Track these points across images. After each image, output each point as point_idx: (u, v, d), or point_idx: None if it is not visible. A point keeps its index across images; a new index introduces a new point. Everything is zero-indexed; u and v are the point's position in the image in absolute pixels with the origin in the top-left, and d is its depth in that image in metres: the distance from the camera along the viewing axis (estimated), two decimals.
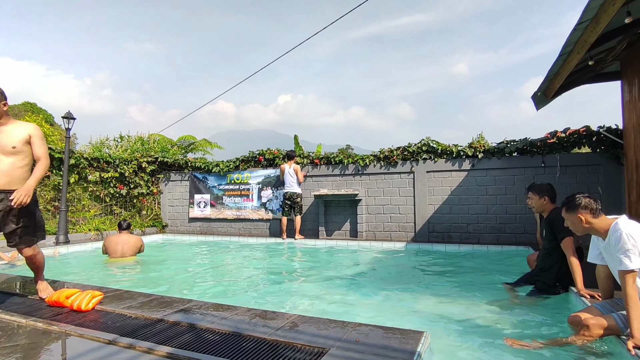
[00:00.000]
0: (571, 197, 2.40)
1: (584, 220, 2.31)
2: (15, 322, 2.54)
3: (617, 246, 2.09)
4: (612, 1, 2.99)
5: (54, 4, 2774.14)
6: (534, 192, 3.55)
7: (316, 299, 3.61)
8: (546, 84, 5.07)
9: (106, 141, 13.58)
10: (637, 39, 4.53)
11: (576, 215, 2.33)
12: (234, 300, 3.61)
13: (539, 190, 3.52)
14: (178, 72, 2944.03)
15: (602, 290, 2.55)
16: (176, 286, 4.28)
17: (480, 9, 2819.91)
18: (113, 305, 2.80)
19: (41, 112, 28.27)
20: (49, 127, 15.12)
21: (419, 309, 3.22)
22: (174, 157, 10.20)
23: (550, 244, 3.38)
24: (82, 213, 8.73)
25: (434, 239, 7.13)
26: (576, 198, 2.35)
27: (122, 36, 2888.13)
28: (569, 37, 3.62)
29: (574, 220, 2.36)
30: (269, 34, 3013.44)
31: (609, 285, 2.49)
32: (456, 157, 7.07)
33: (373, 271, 5.00)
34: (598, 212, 2.29)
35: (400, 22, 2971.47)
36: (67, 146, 7.65)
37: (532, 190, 3.57)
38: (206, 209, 9.38)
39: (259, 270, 5.18)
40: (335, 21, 7.72)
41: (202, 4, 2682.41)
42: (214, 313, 2.59)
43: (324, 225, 8.01)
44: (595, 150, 6.18)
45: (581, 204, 2.31)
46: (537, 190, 3.54)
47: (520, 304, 3.31)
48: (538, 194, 3.51)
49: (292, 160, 7.97)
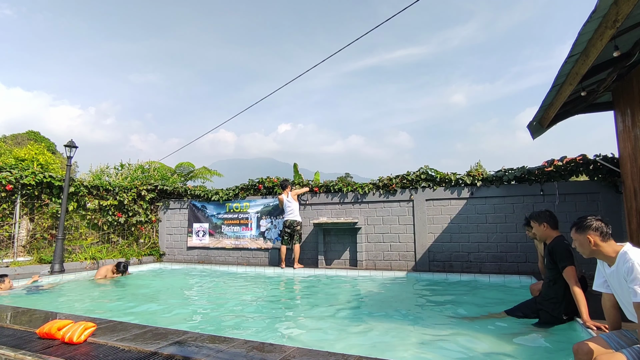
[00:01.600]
0: (583, 218, 2.37)
1: (592, 242, 2.27)
2: (4, 355, 2.46)
3: (631, 276, 2.06)
4: (599, 36, 3.12)
5: (60, 37, 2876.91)
6: (533, 220, 3.51)
7: (315, 331, 3.50)
8: (541, 114, 5.18)
9: (106, 169, 13.66)
10: (626, 72, 4.68)
11: (585, 236, 2.29)
12: (231, 331, 3.50)
13: (538, 217, 3.47)
14: (179, 102, 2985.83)
15: (609, 321, 2.48)
16: (171, 316, 4.16)
17: (474, 43, 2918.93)
18: (106, 338, 2.71)
19: (44, 140, 28.58)
20: (50, 155, 15.23)
21: (420, 341, 3.12)
22: (173, 185, 10.22)
23: (552, 273, 3.31)
24: (79, 241, 8.63)
25: (435, 268, 7.02)
26: (587, 219, 2.33)
27: (126, 68, 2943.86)
28: (561, 69, 3.74)
29: (582, 241, 2.32)
30: (269, 67, 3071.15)
31: (616, 315, 2.43)
32: (455, 185, 7.10)
33: (373, 302, 4.88)
34: (608, 236, 2.26)
35: (396, 54, 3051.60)
36: (68, 174, 7.69)
37: (532, 219, 3.54)
38: (205, 237, 9.29)
39: (256, 300, 5.06)
40: (334, 54, 8.00)
41: (203, 37, 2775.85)
42: (210, 345, 2.50)
43: (324, 254, 7.90)
44: (593, 179, 6.21)
45: (592, 226, 2.28)
46: (536, 217, 3.49)
47: (524, 334, 3.21)
48: (537, 221, 3.46)
49: (287, 189, 7.99)
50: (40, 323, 2.97)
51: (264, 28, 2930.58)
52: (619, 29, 2.98)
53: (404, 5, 6.27)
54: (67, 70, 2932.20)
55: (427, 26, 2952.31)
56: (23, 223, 7.94)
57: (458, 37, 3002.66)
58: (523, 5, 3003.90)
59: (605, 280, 2.38)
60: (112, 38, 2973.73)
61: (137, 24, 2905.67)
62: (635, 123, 4.65)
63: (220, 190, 9.40)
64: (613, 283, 2.29)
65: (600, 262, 2.41)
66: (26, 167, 8.52)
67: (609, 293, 2.38)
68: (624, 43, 3.79)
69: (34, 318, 3.41)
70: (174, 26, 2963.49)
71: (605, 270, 2.34)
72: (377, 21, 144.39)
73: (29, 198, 7.98)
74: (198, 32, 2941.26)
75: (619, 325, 2.44)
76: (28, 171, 8.02)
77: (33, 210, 8.06)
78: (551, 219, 3.43)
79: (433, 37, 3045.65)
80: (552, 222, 3.42)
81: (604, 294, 2.44)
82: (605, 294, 2.42)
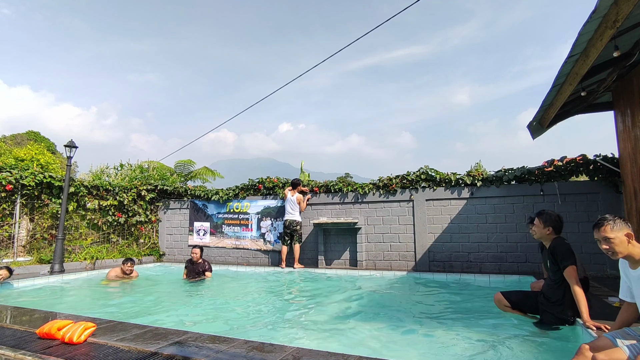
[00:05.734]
0: (606, 217, 2.34)
1: (628, 240, 2.24)
2: (4, 355, 2.45)
3: None
4: (599, 36, 3.12)
5: (58, 38, 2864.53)
6: (540, 219, 3.37)
7: (315, 331, 3.50)
8: (541, 114, 5.18)
9: (106, 169, 13.64)
10: (626, 72, 4.68)
11: (623, 234, 2.25)
12: (231, 331, 3.50)
13: (547, 219, 3.33)
14: (179, 102, 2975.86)
15: (620, 322, 2.45)
16: (171, 316, 4.16)
17: (474, 42, 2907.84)
18: (106, 338, 2.71)
19: (44, 140, 28.56)
20: (50, 155, 15.22)
21: (420, 341, 3.12)
22: (173, 185, 10.21)
23: (556, 275, 3.26)
24: (79, 241, 8.62)
25: (435, 268, 7.02)
26: (616, 218, 2.30)
27: (125, 68, 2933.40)
28: (561, 69, 3.74)
29: (621, 239, 2.25)
30: (269, 67, 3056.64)
31: (627, 320, 2.39)
32: (455, 185, 7.10)
33: (373, 302, 4.88)
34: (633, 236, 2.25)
35: (396, 54, 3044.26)
36: (68, 175, 7.68)
37: (540, 217, 3.38)
38: (205, 236, 9.29)
39: (256, 301, 5.06)
40: (334, 54, 8.00)
41: (203, 37, 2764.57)
42: (210, 346, 2.50)
43: (324, 254, 7.90)
44: (593, 179, 6.21)
45: (626, 223, 2.27)
46: (544, 218, 3.35)
47: (525, 335, 3.21)
48: (544, 222, 3.33)
49: (295, 189, 7.98)
50: (40, 323, 2.97)
51: (264, 28, 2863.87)
52: (619, 29, 2.98)
53: (404, 4, 6.28)
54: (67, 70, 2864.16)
55: (428, 25, 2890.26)
56: (23, 223, 7.93)
57: (458, 36, 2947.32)
58: (523, 4, 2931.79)
59: (630, 287, 2.32)
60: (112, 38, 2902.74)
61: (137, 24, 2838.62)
62: (635, 123, 4.65)
63: (220, 190, 9.40)
64: (636, 286, 2.24)
65: (623, 267, 2.37)
66: (26, 167, 8.52)
67: (633, 303, 2.33)
68: (624, 43, 3.79)
69: (34, 318, 3.41)
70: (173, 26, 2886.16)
71: (630, 273, 2.30)
72: (377, 20, 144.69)
73: (29, 198, 7.98)
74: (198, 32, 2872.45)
75: (625, 326, 2.42)
76: (28, 171, 8.02)
77: (33, 210, 8.06)
78: (557, 224, 3.32)
79: (433, 36, 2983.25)
80: (558, 228, 3.33)
81: (625, 303, 2.41)
82: (628, 303, 2.39)
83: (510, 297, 3.70)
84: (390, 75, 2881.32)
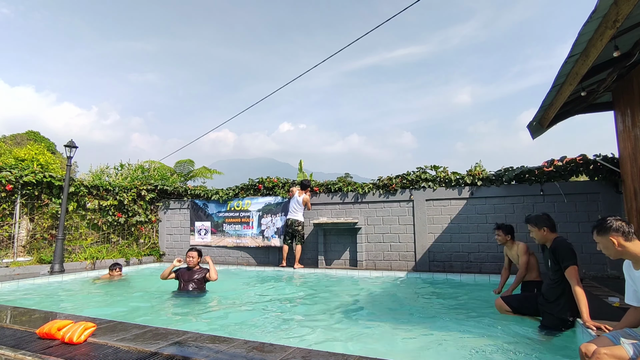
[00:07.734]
0: (602, 220, 2.35)
1: (616, 244, 2.25)
2: (4, 355, 2.45)
3: None
4: (599, 36, 3.12)
5: (58, 37, 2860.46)
6: (532, 224, 3.45)
7: (315, 331, 3.50)
8: (541, 114, 5.18)
9: (106, 169, 13.65)
10: (626, 72, 4.68)
11: (608, 239, 2.27)
12: (231, 331, 3.50)
13: (537, 221, 3.41)
14: (179, 102, 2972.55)
15: (624, 325, 2.42)
16: (171, 316, 4.16)
17: (474, 42, 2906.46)
18: (106, 338, 2.71)
19: (44, 140, 28.56)
20: (50, 155, 15.23)
21: (420, 341, 3.12)
22: (173, 185, 10.21)
23: (556, 275, 3.27)
24: (79, 241, 8.63)
25: (435, 268, 7.02)
26: (607, 221, 2.31)
27: (126, 67, 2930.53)
28: (561, 69, 3.74)
29: (607, 244, 2.29)
30: (269, 67, 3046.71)
31: (631, 322, 2.37)
32: (455, 185, 7.09)
33: (373, 302, 4.88)
34: (631, 235, 2.23)
35: (396, 53, 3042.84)
36: (68, 175, 7.68)
37: (530, 223, 3.47)
38: (207, 236, 9.29)
39: (256, 300, 5.06)
40: (335, 54, 7.99)
41: (204, 37, 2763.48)
42: (210, 346, 2.50)
43: (324, 254, 7.90)
44: (593, 179, 6.21)
45: (612, 227, 2.27)
46: (534, 221, 3.42)
47: (526, 336, 3.21)
48: (536, 225, 3.40)
49: (303, 191, 7.97)
50: (40, 323, 2.97)
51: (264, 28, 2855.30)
52: (619, 29, 2.98)
53: (404, 4, 6.26)
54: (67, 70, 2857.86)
55: (428, 25, 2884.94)
56: (23, 223, 7.93)
57: (458, 35, 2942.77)
58: (524, 3, 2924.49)
59: (635, 290, 2.31)
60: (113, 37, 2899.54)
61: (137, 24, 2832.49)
62: (635, 123, 4.65)
63: (220, 190, 9.41)
64: None
65: (627, 269, 2.36)
66: (26, 167, 8.52)
67: (638, 307, 2.32)
68: (624, 43, 3.79)
69: (34, 318, 3.41)
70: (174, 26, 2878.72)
71: (634, 274, 2.29)
72: (378, 20, 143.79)
73: (29, 198, 7.98)
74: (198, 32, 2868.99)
75: (635, 327, 2.40)
76: (28, 171, 8.02)
77: (33, 210, 8.06)
78: (549, 222, 3.38)
79: (433, 36, 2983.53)
80: (551, 225, 3.37)
81: (632, 307, 2.39)
82: (634, 307, 2.36)
83: (511, 302, 3.71)
84: (390, 75, 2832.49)
